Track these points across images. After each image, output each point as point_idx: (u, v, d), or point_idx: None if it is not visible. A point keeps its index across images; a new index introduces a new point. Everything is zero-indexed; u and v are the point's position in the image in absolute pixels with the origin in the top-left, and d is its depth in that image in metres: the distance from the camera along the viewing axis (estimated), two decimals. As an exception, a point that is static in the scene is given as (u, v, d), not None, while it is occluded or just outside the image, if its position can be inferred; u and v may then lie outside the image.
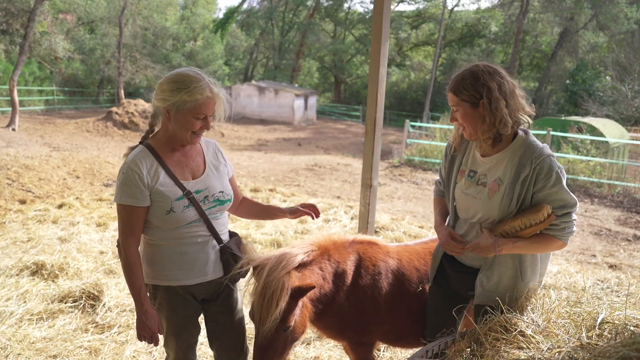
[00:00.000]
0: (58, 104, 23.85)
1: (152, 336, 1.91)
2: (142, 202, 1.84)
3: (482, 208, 1.93)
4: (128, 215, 1.85)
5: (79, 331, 3.20)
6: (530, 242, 1.86)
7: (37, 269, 4.06)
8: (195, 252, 1.97)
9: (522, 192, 1.84)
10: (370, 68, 3.16)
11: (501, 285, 1.97)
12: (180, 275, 1.95)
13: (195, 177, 1.97)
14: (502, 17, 31.38)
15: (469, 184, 1.98)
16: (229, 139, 18.26)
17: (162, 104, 1.85)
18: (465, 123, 1.87)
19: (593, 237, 7.13)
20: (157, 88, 1.87)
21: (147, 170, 1.85)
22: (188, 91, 1.79)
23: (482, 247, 1.87)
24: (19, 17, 15.73)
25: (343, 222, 6.49)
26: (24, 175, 7.76)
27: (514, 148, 1.88)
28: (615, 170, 10.97)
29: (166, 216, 1.87)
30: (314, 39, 35.97)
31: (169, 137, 1.92)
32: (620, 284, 4.55)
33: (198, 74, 1.86)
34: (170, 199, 1.87)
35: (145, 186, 1.84)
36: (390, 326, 2.34)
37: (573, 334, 1.69)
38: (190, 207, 1.91)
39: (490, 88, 1.78)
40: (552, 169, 1.79)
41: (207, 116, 1.87)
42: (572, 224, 1.85)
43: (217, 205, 2.00)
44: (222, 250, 2.03)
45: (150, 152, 1.90)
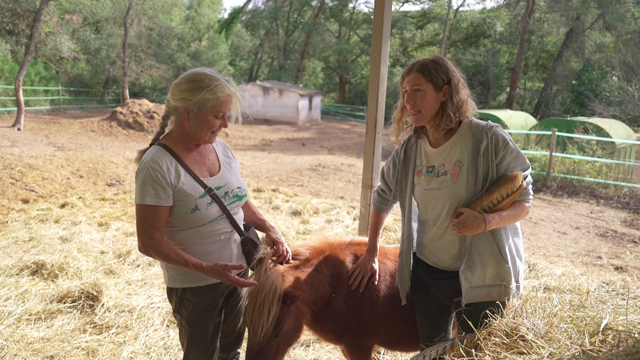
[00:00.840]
0: (64, 103, 23.98)
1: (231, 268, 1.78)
2: (166, 201, 1.80)
3: (450, 195, 1.90)
4: (151, 215, 1.79)
5: (77, 332, 3.18)
6: (509, 212, 1.87)
7: (37, 269, 4.05)
8: (219, 250, 1.96)
9: (484, 166, 1.86)
10: (371, 67, 3.13)
11: (487, 276, 1.92)
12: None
13: (212, 175, 1.96)
14: (508, 17, 31.20)
15: (430, 179, 1.98)
16: (233, 139, 18.27)
17: (182, 104, 1.82)
18: (423, 104, 1.88)
19: (599, 238, 7.05)
20: (174, 88, 1.85)
21: (168, 168, 1.82)
22: (210, 89, 1.80)
23: (469, 224, 1.80)
24: (24, 18, 15.83)
25: (345, 222, 6.45)
26: (28, 175, 7.78)
27: (462, 131, 1.93)
28: (622, 171, 10.86)
29: (191, 215, 1.85)
30: (319, 39, 35.97)
31: (185, 137, 1.90)
32: (626, 286, 4.48)
33: (215, 73, 1.88)
34: (194, 197, 1.84)
35: (169, 185, 1.80)
36: (389, 329, 2.30)
37: (575, 340, 1.64)
38: (213, 203, 1.90)
39: (454, 76, 1.89)
40: (504, 137, 1.87)
41: (224, 114, 1.88)
42: (530, 187, 1.93)
43: (236, 200, 2.00)
44: (243, 242, 2.03)
45: (167, 151, 1.87)
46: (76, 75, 26.15)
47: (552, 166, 10.77)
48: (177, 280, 1.93)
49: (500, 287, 1.92)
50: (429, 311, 2.12)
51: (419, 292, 2.14)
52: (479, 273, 1.91)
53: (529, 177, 1.91)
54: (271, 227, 2.22)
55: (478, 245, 1.91)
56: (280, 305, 1.87)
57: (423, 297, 2.13)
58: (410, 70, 1.91)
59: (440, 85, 1.87)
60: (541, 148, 11.71)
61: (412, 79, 1.89)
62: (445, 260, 1.99)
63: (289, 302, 1.91)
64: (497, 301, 1.91)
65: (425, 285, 2.10)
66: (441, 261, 2.01)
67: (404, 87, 1.94)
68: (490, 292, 1.93)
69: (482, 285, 1.92)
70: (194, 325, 1.97)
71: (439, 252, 2.01)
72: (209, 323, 2.00)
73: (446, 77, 1.88)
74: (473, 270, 1.91)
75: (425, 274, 2.08)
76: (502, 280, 1.92)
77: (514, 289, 1.94)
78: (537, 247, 6.43)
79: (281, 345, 1.95)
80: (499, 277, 1.92)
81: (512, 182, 1.83)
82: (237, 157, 13.26)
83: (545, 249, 6.34)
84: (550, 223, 7.77)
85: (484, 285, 1.92)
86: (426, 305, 2.13)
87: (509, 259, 1.92)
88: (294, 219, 6.57)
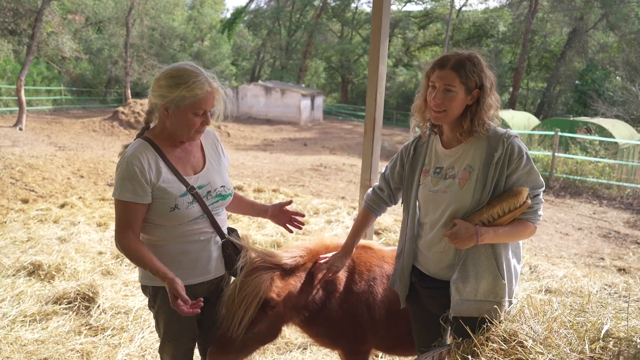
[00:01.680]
0: (66, 103, 24.01)
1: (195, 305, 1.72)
2: (143, 198, 1.76)
3: (454, 200, 1.80)
4: (127, 212, 1.76)
5: (71, 333, 3.15)
6: (509, 229, 1.76)
7: (34, 270, 4.02)
8: (198, 251, 1.91)
9: (495, 175, 1.74)
10: (370, 66, 3.08)
11: (480, 290, 1.81)
12: (183, 275, 1.85)
13: (196, 172, 1.90)
14: (511, 16, 31.09)
15: (436, 181, 1.86)
16: (235, 139, 18.26)
17: (160, 101, 1.77)
18: (451, 106, 1.74)
19: (602, 239, 6.98)
20: (154, 84, 1.79)
21: (149, 165, 1.77)
22: (187, 86, 1.72)
23: (461, 236, 1.71)
24: (26, 18, 15.85)
25: (345, 223, 6.41)
26: (28, 175, 7.78)
27: (478, 135, 1.80)
28: (625, 171, 10.78)
29: (170, 213, 1.80)
30: (321, 39, 35.92)
31: (168, 134, 1.85)
32: (629, 288, 4.42)
33: (196, 68, 1.80)
34: (174, 195, 1.79)
35: (147, 182, 1.75)
36: (386, 333, 2.26)
37: (575, 346, 1.60)
38: (194, 203, 1.84)
39: (488, 80, 1.76)
40: (522, 149, 1.75)
41: (206, 111, 1.80)
42: (541, 207, 1.80)
43: (219, 200, 1.95)
44: (224, 245, 1.98)
45: (151, 145, 1.82)
46: (78, 75, 26.18)
47: (554, 166, 10.69)
48: (150, 278, 1.86)
49: (492, 303, 1.81)
50: (424, 319, 2.05)
51: (412, 300, 2.06)
52: (472, 286, 1.81)
53: (539, 197, 1.78)
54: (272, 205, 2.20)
55: (475, 257, 1.81)
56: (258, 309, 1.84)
57: (417, 305, 2.05)
58: (444, 65, 1.73)
59: (472, 87, 1.73)
60: (544, 148, 11.65)
61: (445, 76, 1.72)
62: (439, 269, 1.90)
63: (267, 309, 1.88)
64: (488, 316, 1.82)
65: (417, 293, 2.02)
66: (435, 269, 1.91)
67: (433, 82, 1.76)
68: (481, 308, 1.82)
69: (473, 300, 1.82)
70: (168, 324, 1.93)
71: (433, 259, 1.91)
72: (183, 321, 1.94)
73: (479, 80, 1.73)
74: (466, 282, 1.81)
75: (417, 282, 1.99)
76: (495, 296, 1.81)
77: (506, 307, 1.83)
78: (539, 248, 6.37)
79: (250, 342, 1.93)
80: (492, 293, 1.81)
81: (516, 197, 1.71)
82: (239, 157, 13.18)
83: (548, 250, 6.28)
84: (552, 224, 7.70)
85: (475, 299, 1.82)
86: (421, 313, 2.06)
87: (506, 275, 1.82)
88: (294, 219, 6.53)
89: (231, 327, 1.84)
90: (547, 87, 29.61)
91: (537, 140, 12.21)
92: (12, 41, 17.63)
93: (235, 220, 6.16)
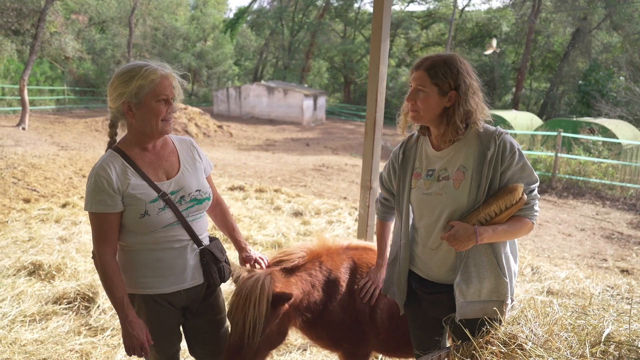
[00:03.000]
0: (69, 103, 24.09)
1: (141, 346, 1.79)
2: (112, 208, 1.75)
3: (450, 201, 1.78)
4: (100, 223, 1.76)
5: (71, 334, 3.15)
6: (507, 227, 1.75)
7: (35, 269, 4.03)
8: (172, 259, 1.87)
9: (490, 174, 1.74)
10: (370, 66, 3.07)
11: (483, 290, 1.81)
12: (156, 283, 1.86)
13: (169, 177, 1.87)
14: (514, 17, 30.99)
15: (429, 183, 1.85)
16: (237, 139, 18.26)
17: (120, 100, 1.75)
18: (424, 107, 1.77)
19: (604, 240, 6.94)
20: (109, 89, 1.78)
21: (117, 174, 1.76)
22: (141, 75, 1.72)
23: (460, 238, 1.69)
24: (30, 18, 15.90)
25: (347, 223, 6.39)
26: (30, 174, 7.79)
27: (468, 136, 1.80)
28: (628, 172, 10.72)
29: (141, 220, 1.78)
30: (324, 39, 35.91)
31: (137, 136, 1.83)
32: (631, 290, 4.39)
33: (143, 60, 1.81)
34: (144, 202, 1.78)
35: (116, 191, 1.75)
36: (387, 336, 2.24)
37: (576, 350, 1.58)
38: (166, 209, 1.82)
39: (465, 82, 1.75)
40: (514, 145, 1.75)
41: (168, 98, 1.78)
42: (537, 202, 1.80)
43: (195, 204, 1.90)
44: (202, 253, 1.93)
45: (119, 154, 1.81)
46: (81, 75, 26.27)
47: (557, 167, 10.65)
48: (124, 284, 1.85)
49: (496, 303, 1.81)
50: (424, 324, 2.02)
51: (411, 305, 2.03)
52: (475, 287, 1.80)
53: (535, 192, 1.79)
54: (246, 246, 2.15)
55: (475, 258, 1.80)
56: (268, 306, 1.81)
57: (417, 310, 2.03)
58: (418, 67, 1.78)
59: (446, 90, 1.74)
60: (547, 149, 11.60)
61: (417, 77, 1.77)
62: (440, 273, 1.88)
63: (280, 303, 1.85)
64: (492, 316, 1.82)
65: (418, 298, 1.99)
66: (436, 273, 1.89)
67: (410, 82, 1.82)
68: (486, 308, 1.82)
69: (477, 301, 1.81)
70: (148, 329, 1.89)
71: (433, 263, 1.89)
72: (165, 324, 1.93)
73: (455, 82, 1.73)
74: (469, 284, 1.80)
75: (419, 287, 1.96)
76: (498, 295, 1.81)
77: (509, 306, 1.84)
78: (541, 249, 6.34)
79: (261, 348, 1.90)
80: (495, 293, 1.81)
81: (511, 194, 1.71)
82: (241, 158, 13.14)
83: (550, 251, 6.25)
84: (555, 224, 7.67)
85: (479, 300, 1.81)
86: (421, 318, 2.03)
87: (507, 273, 1.82)
88: (295, 219, 6.52)
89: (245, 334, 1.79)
90: (550, 87, 29.51)
91: (540, 141, 12.17)
92: (16, 41, 17.70)
93: (237, 220, 6.16)
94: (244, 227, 5.93)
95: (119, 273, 1.79)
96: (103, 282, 1.78)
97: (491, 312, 1.80)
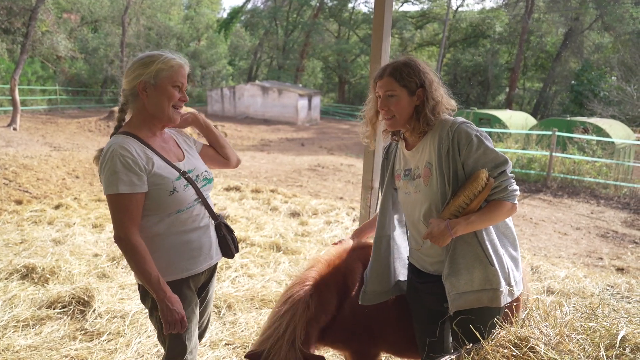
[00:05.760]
0: (61, 103, 23.83)
1: (181, 320, 1.78)
2: (140, 187, 1.73)
3: (424, 198, 1.86)
4: (128, 204, 1.71)
5: (66, 339, 3.06)
6: (481, 214, 1.76)
7: (28, 273, 3.93)
8: (200, 238, 1.91)
9: (450, 165, 1.78)
10: (371, 65, 3.03)
11: (475, 280, 1.81)
12: (189, 265, 1.87)
13: (180, 160, 1.93)
14: (507, 17, 31.18)
15: (406, 183, 1.94)
16: (232, 139, 18.16)
17: (137, 80, 1.78)
18: (398, 110, 1.85)
19: (600, 239, 6.96)
20: (126, 73, 1.83)
21: (138, 154, 1.75)
22: (161, 60, 1.79)
23: (435, 235, 1.75)
24: (20, 16, 15.70)
25: (345, 224, 6.35)
26: (22, 175, 7.67)
27: (432, 131, 1.87)
28: (622, 171, 10.79)
29: (170, 197, 1.79)
30: (318, 39, 35.88)
31: (147, 119, 1.85)
32: (631, 289, 4.39)
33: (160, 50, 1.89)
34: (170, 179, 1.80)
35: (142, 170, 1.73)
36: (398, 336, 2.22)
37: (590, 352, 1.54)
38: (189, 186, 1.86)
39: (427, 78, 1.85)
40: (469, 133, 1.77)
41: (182, 87, 1.86)
42: (512, 182, 1.78)
43: (207, 183, 1.99)
44: (217, 226, 2.00)
45: (132, 137, 1.80)
46: (74, 74, 26.02)
47: (552, 166, 10.69)
48: None
49: (489, 291, 1.82)
50: (421, 318, 2.06)
51: (413, 299, 2.09)
52: (465, 278, 1.82)
53: (505, 172, 1.76)
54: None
55: (462, 249, 1.82)
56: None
57: (417, 304, 2.07)
58: (382, 75, 1.86)
59: (413, 89, 1.84)
60: (541, 148, 11.64)
61: (384, 84, 1.85)
62: (430, 265, 1.95)
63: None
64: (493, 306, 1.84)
65: (416, 289, 2.05)
66: (428, 265, 1.96)
67: (377, 92, 1.89)
68: (481, 298, 1.82)
69: (470, 291, 1.82)
70: None
71: (424, 257, 1.97)
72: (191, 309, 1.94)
73: (419, 80, 1.83)
74: (458, 276, 1.82)
75: (414, 278, 2.04)
76: (491, 284, 1.81)
77: (505, 292, 1.84)
78: (538, 248, 6.34)
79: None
80: (488, 282, 1.82)
81: (475, 181, 1.72)
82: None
83: (547, 250, 6.25)
84: (550, 224, 7.68)
85: (472, 290, 1.82)
86: (418, 311, 2.07)
87: (495, 261, 1.82)
88: (293, 220, 6.47)
89: None
90: (543, 87, 29.70)
91: (534, 140, 12.21)
92: (6, 40, 17.47)
93: (233, 221, 6.10)
94: (241, 227, 5.87)
95: (148, 252, 1.76)
96: (136, 263, 1.73)
97: (487, 301, 1.83)
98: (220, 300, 3.67)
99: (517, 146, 12.11)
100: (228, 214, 6.34)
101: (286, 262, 4.69)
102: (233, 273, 4.30)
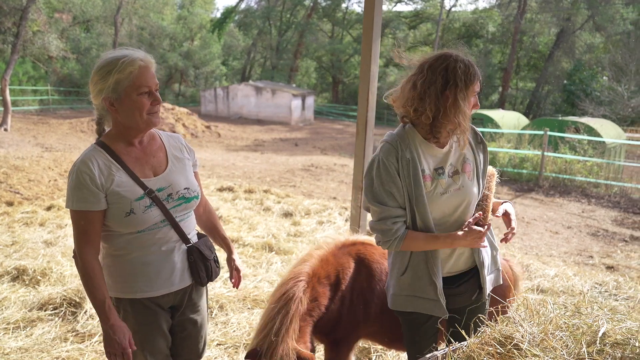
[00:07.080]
0: (53, 104, 23.68)
1: (123, 352, 1.71)
2: (95, 205, 1.67)
3: (467, 194, 1.85)
4: (82, 221, 1.67)
5: (57, 340, 3.06)
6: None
7: (19, 274, 3.91)
8: (160, 262, 1.80)
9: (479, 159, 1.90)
10: (362, 66, 3.06)
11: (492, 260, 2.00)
12: (144, 287, 1.79)
13: (156, 174, 1.80)
14: (500, 17, 31.37)
15: (444, 182, 1.82)
16: (226, 139, 18.14)
17: (100, 96, 1.68)
18: None
19: (590, 237, 7.04)
20: (90, 86, 1.72)
21: (100, 170, 1.68)
22: (118, 69, 1.64)
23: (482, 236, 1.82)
24: (11, 16, 15.56)
25: (337, 224, 6.37)
26: (13, 176, 7.62)
27: None
28: (612, 170, 10.90)
29: (126, 219, 1.70)
30: (312, 39, 35.90)
31: (123, 131, 1.76)
32: (619, 287, 4.45)
33: (121, 51, 1.71)
34: (129, 199, 1.70)
35: (99, 188, 1.67)
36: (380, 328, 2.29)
37: (572, 349, 1.57)
38: (152, 207, 1.74)
39: None
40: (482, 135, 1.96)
41: (151, 89, 1.70)
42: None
43: (183, 203, 1.83)
44: (189, 250, 1.86)
45: (103, 150, 1.73)
46: (66, 74, 25.86)
47: (544, 166, 10.78)
48: (111, 288, 1.78)
49: (497, 271, 2.03)
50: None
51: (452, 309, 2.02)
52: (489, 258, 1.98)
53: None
54: (232, 248, 2.07)
55: None
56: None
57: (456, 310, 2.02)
58: (480, 77, 1.90)
59: None
60: (533, 148, 11.74)
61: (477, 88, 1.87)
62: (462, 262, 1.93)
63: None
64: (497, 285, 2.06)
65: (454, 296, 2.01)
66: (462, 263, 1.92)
67: (475, 91, 1.84)
68: (498, 277, 2.03)
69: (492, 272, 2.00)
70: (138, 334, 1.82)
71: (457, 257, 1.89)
72: (154, 327, 1.87)
73: None
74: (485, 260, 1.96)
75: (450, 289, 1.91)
76: (497, 265, 2.02)
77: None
78: (529, 246, 6.41)
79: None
80: (495, 263, 2.02)
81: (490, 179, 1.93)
82: (229, 158, 13.03)
83: (538, 249, 6.31)
84: (542, 222, 7.75)
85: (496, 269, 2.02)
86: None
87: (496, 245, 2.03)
88: (285, 220, 6.48)
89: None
90: (535, 87, 29.90)
91: (527, 140, 12.31)
92: (-3, 40, 17.29)
93: (226, 221, 6.10)
94: (234, 228, 5.88)
95: (100, 274, 1.71)
96: (84, 283, 1.70)
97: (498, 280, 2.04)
98: (212, 301, 3.68)
99: (510, 146, 12.20)
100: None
101: (278, 263, 4.71)
102: (225, 274, 4.31)
